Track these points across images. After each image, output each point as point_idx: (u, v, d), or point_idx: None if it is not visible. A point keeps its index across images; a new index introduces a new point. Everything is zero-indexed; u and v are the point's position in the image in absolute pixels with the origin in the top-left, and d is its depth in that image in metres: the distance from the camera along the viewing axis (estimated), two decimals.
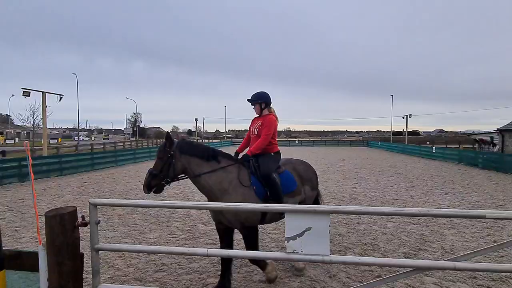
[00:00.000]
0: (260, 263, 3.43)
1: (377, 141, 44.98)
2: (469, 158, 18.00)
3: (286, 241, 1.80)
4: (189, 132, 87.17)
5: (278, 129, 3.84)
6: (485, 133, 34.71)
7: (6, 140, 51.72)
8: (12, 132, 60.75)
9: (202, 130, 61.65)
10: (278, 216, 3.50)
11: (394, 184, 10.90)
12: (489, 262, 4.13)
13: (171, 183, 3.22)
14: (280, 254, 1.86)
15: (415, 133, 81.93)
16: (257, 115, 3.80)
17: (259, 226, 3.51)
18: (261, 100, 3.72)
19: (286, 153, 27.29)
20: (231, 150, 3.79)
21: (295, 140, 51.33)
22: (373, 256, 4.38)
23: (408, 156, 24.68)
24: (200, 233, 5.42)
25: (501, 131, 26.09)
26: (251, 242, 3.35)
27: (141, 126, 78.82)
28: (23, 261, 2.15)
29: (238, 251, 2.44)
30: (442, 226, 5.81)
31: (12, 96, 51.54)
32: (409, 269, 1.79)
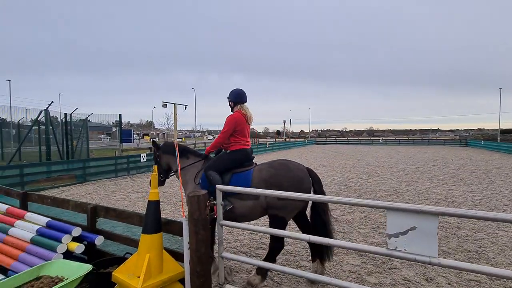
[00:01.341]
0: None
1: (480, 140, 36.10)
2: None
3: (388, 238, 1.64)
4: (278, 132, 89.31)
5: (360, 128, 3.37)
6: None
7: (151, 139, 64.12)
8: (154, 133, 74.96)
9: (289, 130, 62.57)
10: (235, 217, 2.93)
11: (505, 188, 8.53)
12: None
13: (166, 178, 3.61)
14: (382, 249, 1.71)
15: None
16: None
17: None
18: (228, 98, 3.37)
19: (370, 151, 24.84)
20: (314, 149, 3.69)
21: (379, 139, 46.08)
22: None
23: None
24: (292, 221, 5.48)
25: None
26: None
27: None
28: (171, 227, 2.63)
29: (337, 240, 2.36)
30: None
31: (154, 107, 63.43)
32: None
